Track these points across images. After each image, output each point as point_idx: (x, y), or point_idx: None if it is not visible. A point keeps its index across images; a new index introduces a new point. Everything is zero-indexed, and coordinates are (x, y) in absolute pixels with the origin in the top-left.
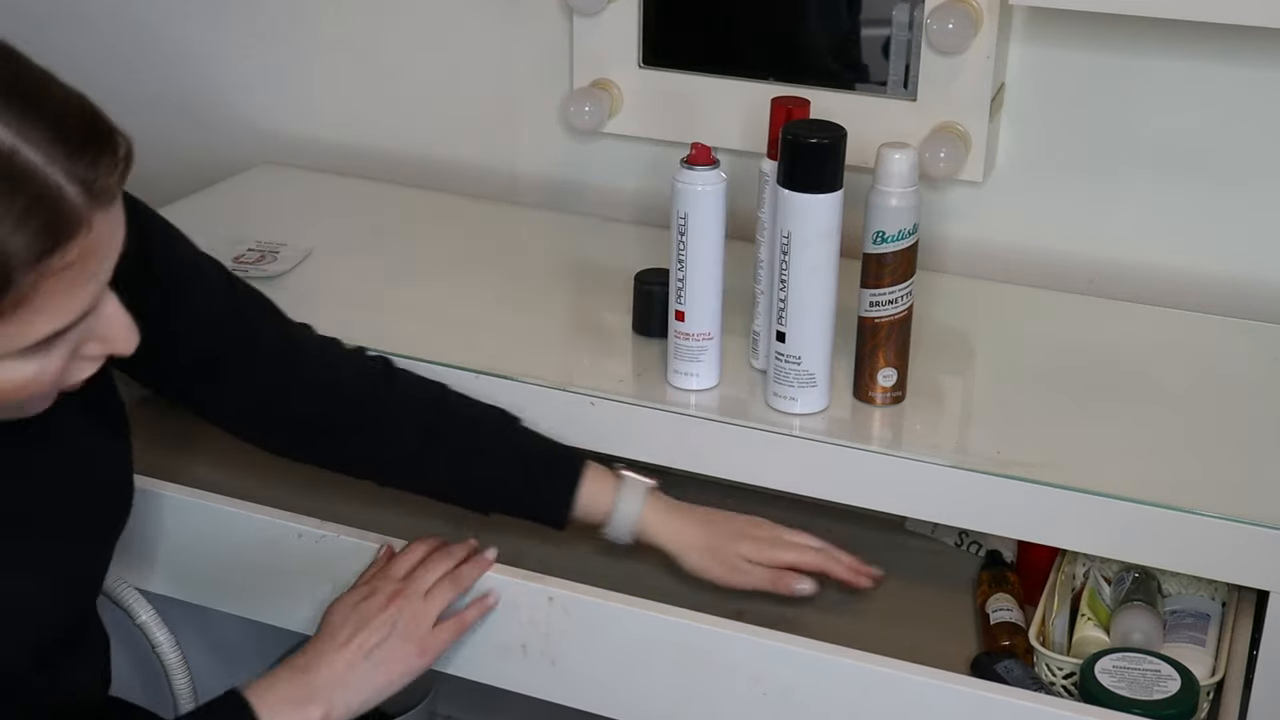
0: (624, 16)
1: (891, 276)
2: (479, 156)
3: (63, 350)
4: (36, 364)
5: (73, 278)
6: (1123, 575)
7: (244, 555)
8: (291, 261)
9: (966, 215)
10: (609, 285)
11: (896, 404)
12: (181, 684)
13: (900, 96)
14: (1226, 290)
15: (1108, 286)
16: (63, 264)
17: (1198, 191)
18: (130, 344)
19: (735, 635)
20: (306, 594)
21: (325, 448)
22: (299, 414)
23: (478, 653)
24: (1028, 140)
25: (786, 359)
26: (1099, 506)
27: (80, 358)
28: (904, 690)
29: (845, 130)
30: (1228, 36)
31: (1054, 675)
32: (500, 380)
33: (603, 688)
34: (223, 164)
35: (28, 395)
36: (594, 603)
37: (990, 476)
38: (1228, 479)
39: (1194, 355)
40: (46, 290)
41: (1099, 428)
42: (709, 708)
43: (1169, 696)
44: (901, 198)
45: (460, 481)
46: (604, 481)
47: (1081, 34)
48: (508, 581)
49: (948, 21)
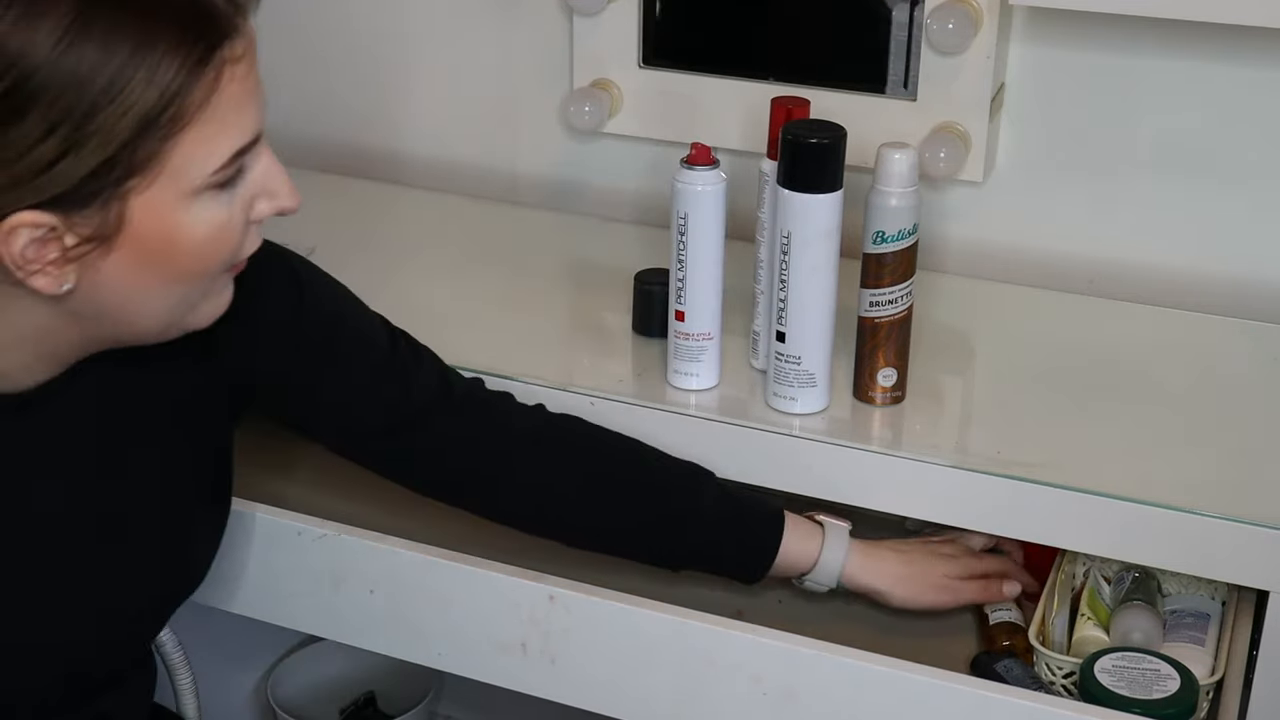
0: (624, 16)
1: (891, 276)
2: (479, 156)
3: (243, 196)
4: (225, 206)
5: (242, 80)
6: (1123, 575)
7: (244, 554)
8: None
9: (966, 215)
10: (609, 285)
11: (896, 404)
12: (183, 683)
13: (900, 96)
14: (1226, 290)
15: (1108, 286)
16: (232, 57)
17: (1198, 191)
18: (293, 198)
19: (735, 635)
20: (306, 594)
21: (488, 501)
22: (454, 474)
23: (478, 652)
24: (1028, 140)
25: (786, 359)
26: (1099, 506)
27: (252, 222)
28: (904, 690)
29: (845, 130)
30: (1228, 36)
31: (1054, 675)
32: (500, 380)
33: (603, 687)
34: None
35: (222, 249)
36: (595, 602)
37: (990, 476)
38: (1228, 479)
39: (1194, 355)
40: (225, 95)
41: (1099, 428)
42: (709, 708)
43: (1169, 696)
44: (901, 198)
45: (657, 544)
46: (807, 533)
47: (1081, 34)
48: (508, 580)
49: (948, 21)
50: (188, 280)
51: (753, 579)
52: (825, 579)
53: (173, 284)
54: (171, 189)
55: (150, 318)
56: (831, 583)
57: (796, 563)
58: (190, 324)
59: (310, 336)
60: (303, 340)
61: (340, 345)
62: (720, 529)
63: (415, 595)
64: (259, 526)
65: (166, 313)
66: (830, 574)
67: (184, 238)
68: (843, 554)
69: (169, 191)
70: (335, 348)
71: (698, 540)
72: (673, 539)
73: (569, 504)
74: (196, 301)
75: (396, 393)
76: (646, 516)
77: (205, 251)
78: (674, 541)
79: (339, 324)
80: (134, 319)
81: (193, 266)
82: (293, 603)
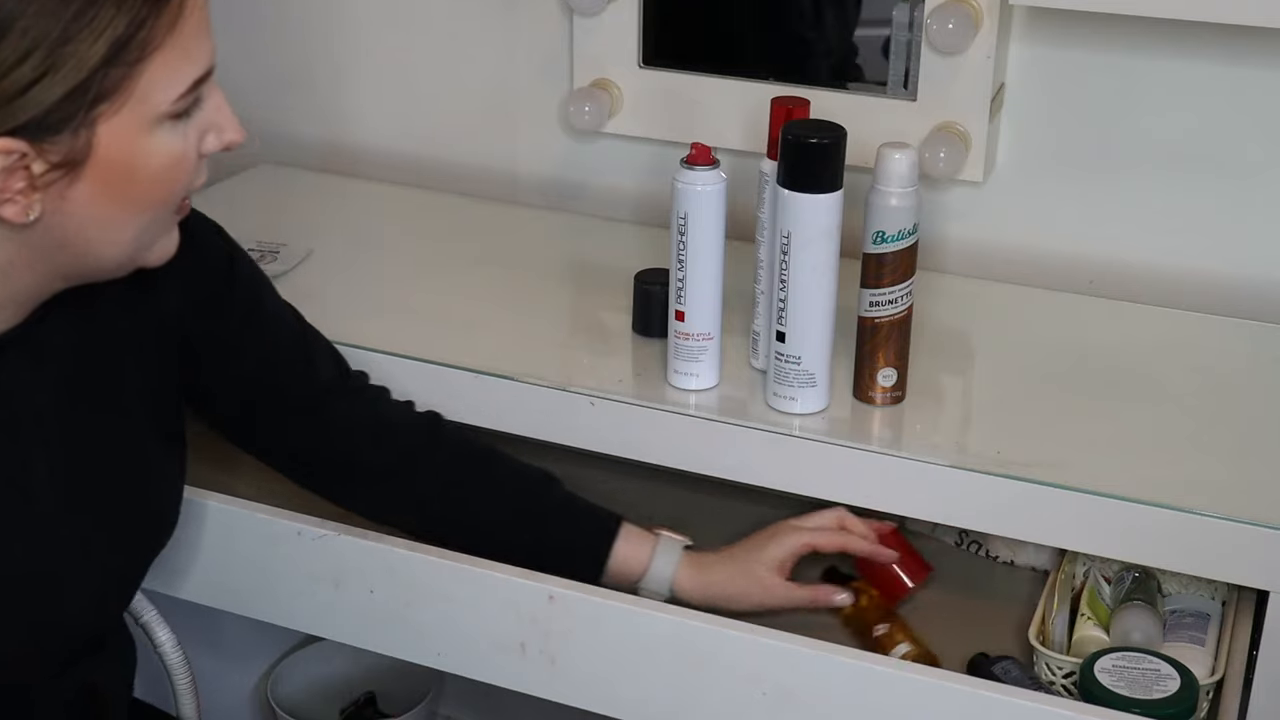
0: (624, 16)
1: (891, 276)
2: (479, 156)
3: (197, 128)
4: (181, 137)
5: (201, 10)
6: (1123, 575)
7: (244, 554)
8: (291, 261)
9: (966, 215)
10: (609, 285)
11: (896, 404)
12: (183, 684)
13: (900, 96)
14: (1226, 290)
15: (1108, 286)
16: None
17: (1197, 191)
18: (239, 132)
19: (735, 635)
20: (306, 594)
21: (367, 494)
22: (345, 458)
23: (478, 652)
24: (1028, 140)
25: (786, 359)
26: (1099, 506)
27: (202, 156)
28: (903, 690)
29: (845, 130)
30: (1228, 36)
31: (1054, 674)
32: (500, 380)
33: (603, 687)
34: (223, 164)
35: (178, 178)
36: (595, 602)
37: (990, 476)
38: (1228, 479)
39: (1194, 355)
40: (188, 24)
41: (1099, 428)
42: (709, 708)
43: (1169, 696)
44: (901, 198)
45: (498, 536)
46: (640, 542)
47: (1081, 34)
48: (508, 580)
49: (948, 21)
50: (147, 209)
51: (589, 579)
52: (657, 587)
53: (133, 213)
54: (137, 115)
55: (111, 247)
56: (664, 591)
57: (628, 568)
58: (145, 259)
59: (236, 304)
60: (231, 306)
61: (261, 317)
62: (562, 529)
63: (415, 595)
64: (259, 526)
65: (127, 244)
66: (661, 582)
67: (145, 166)
68: (673, 566)
69: (134, 118)
70: (256, 318)
71: (543, 538)
72: (523, 536)
73: (445, 500)
74: (152, 238)
75: (304, 370)
76: (503, 515)
77: (164, 179)
78: (525, 538)
79: (260, 297)
80: (96, 250)
81: (152, 195)
82: (293, 603)
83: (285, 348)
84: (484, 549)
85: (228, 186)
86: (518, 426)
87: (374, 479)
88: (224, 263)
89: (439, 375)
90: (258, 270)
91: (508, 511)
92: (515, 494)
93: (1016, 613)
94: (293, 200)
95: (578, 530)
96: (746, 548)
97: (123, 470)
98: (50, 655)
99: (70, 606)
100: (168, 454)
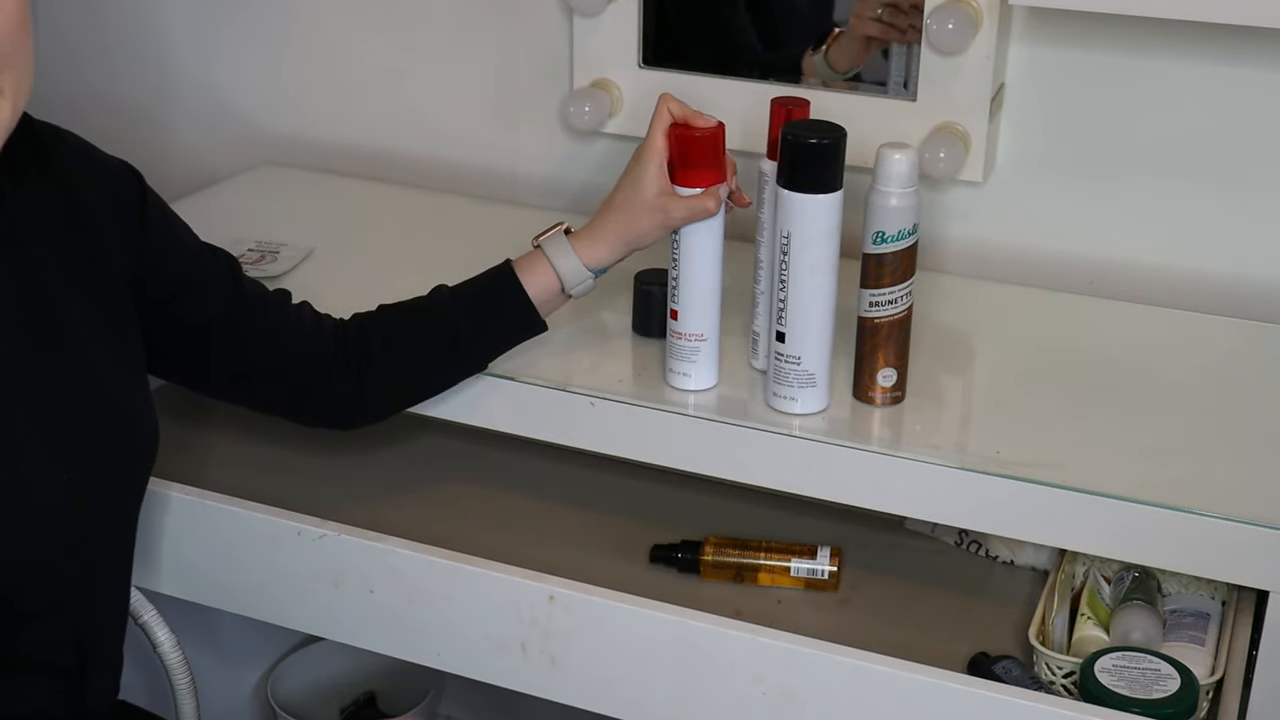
0: (624, 16)
1: (891, 277)
2: (479, 156)
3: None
4: None
5: None
6: (1123, 575)
7: (244, 554)
8: (291, 261)
9: (966, 215)
10: (609, 285)
11: (896, 404)
12: (183, 684)
13: (900, 96)
14: (1226, 290)
15: (1108, 286)
16: None
17: (1197, 191)
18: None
19: (735, 635)
20: (307, 593)
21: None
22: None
23: (478, 652)
24: (1028, 140)
25: (786, 359)
26: (1099, 506)
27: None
28: (903, 690)
29: (845, 130)
30: (1228, 36)
31: (1054, 674)
32: (500, 380)
33: (603, 687)
34: (223, 164)
35: None
36: (595, 602)
37: (990, 476)
38: (1228, 479)
39: (1194, 355)
40: None
41: (1099, 428)
42: (709, 708)
43: (1169, 695)
44: (901, 198)
45: (450, 360)
46: (533, 261)
47: (1081, 34)
48: (508, 580)
49: (948, 21)
50: None
51: (534, 328)
52: (578, 279)
53: None
54: None
55: None
56: (586, 277)
57: (547, 289)
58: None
59: (153, 217)
60: (150, 217)
61: (175, 228)
62: (478, 313)
63: (415, 595)
64: (259, 526)
65: None
66: (577, 274)
67: None
68: (572, 258)
69: None
70: (172, 229)
71: (476, 332)
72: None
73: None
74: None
75: (223, 269)
76: (437, 347)
77: None
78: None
79: (168, 210)
80: None
81: None
82: (293, 603)
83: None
84: (450, 374)
85: (228, 186)
86: (518, 426)
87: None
88: (136, 180)
89: None
90: (165, 208)
91: (440, 343)
92: (433, 325)
93: (1016, 613)
94: (293, 200)
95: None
96: (626, 191)
97: (68, 368)
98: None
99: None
100: (121, 366)
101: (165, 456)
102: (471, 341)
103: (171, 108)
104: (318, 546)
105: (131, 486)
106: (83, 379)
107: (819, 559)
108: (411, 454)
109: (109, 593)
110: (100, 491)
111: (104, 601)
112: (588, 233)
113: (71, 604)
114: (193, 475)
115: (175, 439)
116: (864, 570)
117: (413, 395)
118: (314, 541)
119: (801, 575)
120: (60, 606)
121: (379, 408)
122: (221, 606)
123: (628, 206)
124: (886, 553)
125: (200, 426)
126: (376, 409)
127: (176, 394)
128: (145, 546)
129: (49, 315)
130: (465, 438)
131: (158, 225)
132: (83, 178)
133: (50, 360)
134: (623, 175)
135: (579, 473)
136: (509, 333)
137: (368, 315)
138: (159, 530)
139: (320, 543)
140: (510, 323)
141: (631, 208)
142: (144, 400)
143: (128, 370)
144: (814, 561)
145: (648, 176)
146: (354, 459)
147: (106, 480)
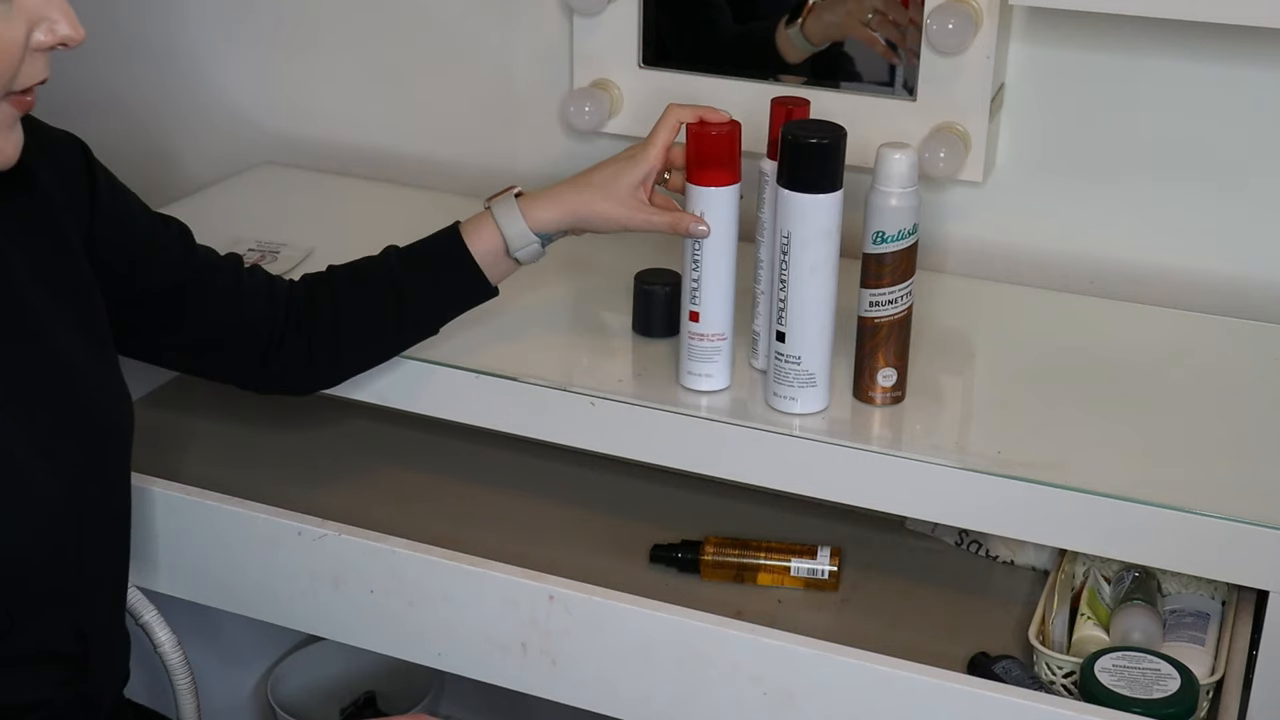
0: (624, 16)
1: (891, 276)
2: (479, 156)
3: (22, 16)
4: (4, 19)
5: None
6: (1123, 575)
7: (244, 554)
8: (291, 261)
9: (966, 215)
10: (609, 285)
11: (896, 404)
12: (183, 684)
13: (900, 96)
14: (1226, 290)
15: (1108, 286)
16: None
17: (1198, 191)
18: (75, 29)
19: (735, 635)
20: (306, 594)
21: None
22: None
23: (478, 652)
24: (1028, 140)
25: (786, 359)
26: (1099, 506)
27: (34, 49)
28: (904, 690)
29: (845, 130)
30: (1228, 36)
31: (1054, 674)
32: (500, 380)
33: (603, 687)
34: (223, 164)
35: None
36: (595, 602)
37: (990, 476)
38: (1228, 479)
39: (1194, 355)
40: None
41: (1099, 428)
42: (709, 708)
43: (1169, 695)
44: (901, 198)
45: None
46: (480, 223)
47: (1081, 34)
48: (508, 580)
49: (948, 21)
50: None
51: (480, 287)
52: (524, 243)
53: None
54: None
55: None
56: (531, 241)
57: (492, 250)
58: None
59: (102, 187)
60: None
61: (126, 197)
62: (422, 271)
63: (415, 595)
64: (259, 526)
65: None
66: (523, 237)
67: None
68: (518, 220)
69: None
70: (124, 198)
71: (422, 291)
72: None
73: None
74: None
75: (176, 237)
76: (385, 310)
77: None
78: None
79: (116, 180)
80: None
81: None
82: (293, 603)
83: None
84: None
85: (228, 186)
86: (518, 426)
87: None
88: (87, 154)
89: (439, 375)
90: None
91: (386, 300)
92: (379, 281)
93: (1016, 613)
94: (293, 200)
95: (440, 264)
96: (605, 173)
97: (42, 360)
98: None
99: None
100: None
101: (165, 456)
102: (419, 299)
103: (172, 107)
104: (318, 546)
105: (117, 468)
106: (57, 369)
107: (819, 559)
108: (411, 454)
109: (107, 577)
110: (89, 478)
111: (102, 586)
112: (540, 195)
113: (70, 591)
114: (191, 475)
115: (175, 439)
116: (864, 570)
117: (365, 357)
118: (314, 541)
119: (802, 575)
120: (59, 594)
121: (332, 369)
122: (221, 606)
123: (595, 187)
124: (886, 553)
125: (199, 428)
126: (330, 371)
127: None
128: (145, 546)
129: (18, 308)
130: (465, 437)
131: (108, 195)
132: (31, 148)
133: (23, 353)
134: (609, 160)
135: (579, 473)
136: (454, 292)
137: (316, 275)
138: (159, 531)
139: (320, 543)
140: (455, 283)
141: (599, 190)
142: (118, 381)
143: (99, 355)
144: (814, 561)
145: (632, 175)
146: (353, 459)
147: (93, 466)
